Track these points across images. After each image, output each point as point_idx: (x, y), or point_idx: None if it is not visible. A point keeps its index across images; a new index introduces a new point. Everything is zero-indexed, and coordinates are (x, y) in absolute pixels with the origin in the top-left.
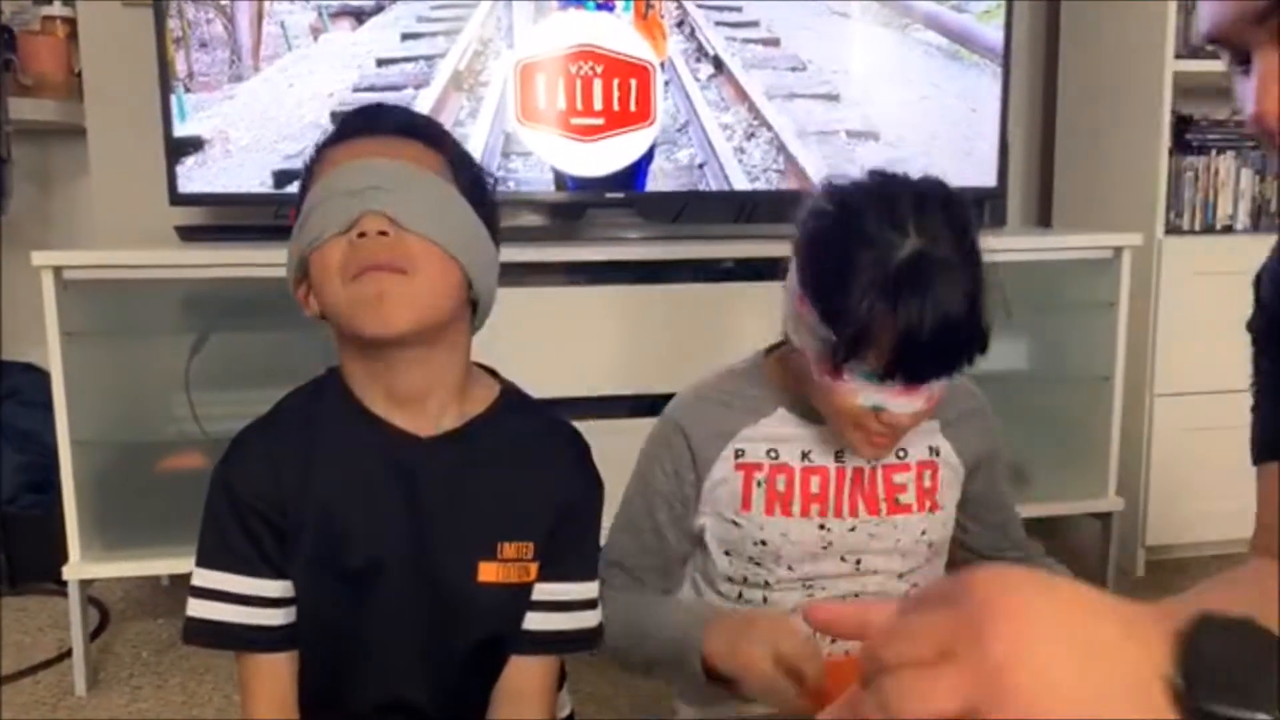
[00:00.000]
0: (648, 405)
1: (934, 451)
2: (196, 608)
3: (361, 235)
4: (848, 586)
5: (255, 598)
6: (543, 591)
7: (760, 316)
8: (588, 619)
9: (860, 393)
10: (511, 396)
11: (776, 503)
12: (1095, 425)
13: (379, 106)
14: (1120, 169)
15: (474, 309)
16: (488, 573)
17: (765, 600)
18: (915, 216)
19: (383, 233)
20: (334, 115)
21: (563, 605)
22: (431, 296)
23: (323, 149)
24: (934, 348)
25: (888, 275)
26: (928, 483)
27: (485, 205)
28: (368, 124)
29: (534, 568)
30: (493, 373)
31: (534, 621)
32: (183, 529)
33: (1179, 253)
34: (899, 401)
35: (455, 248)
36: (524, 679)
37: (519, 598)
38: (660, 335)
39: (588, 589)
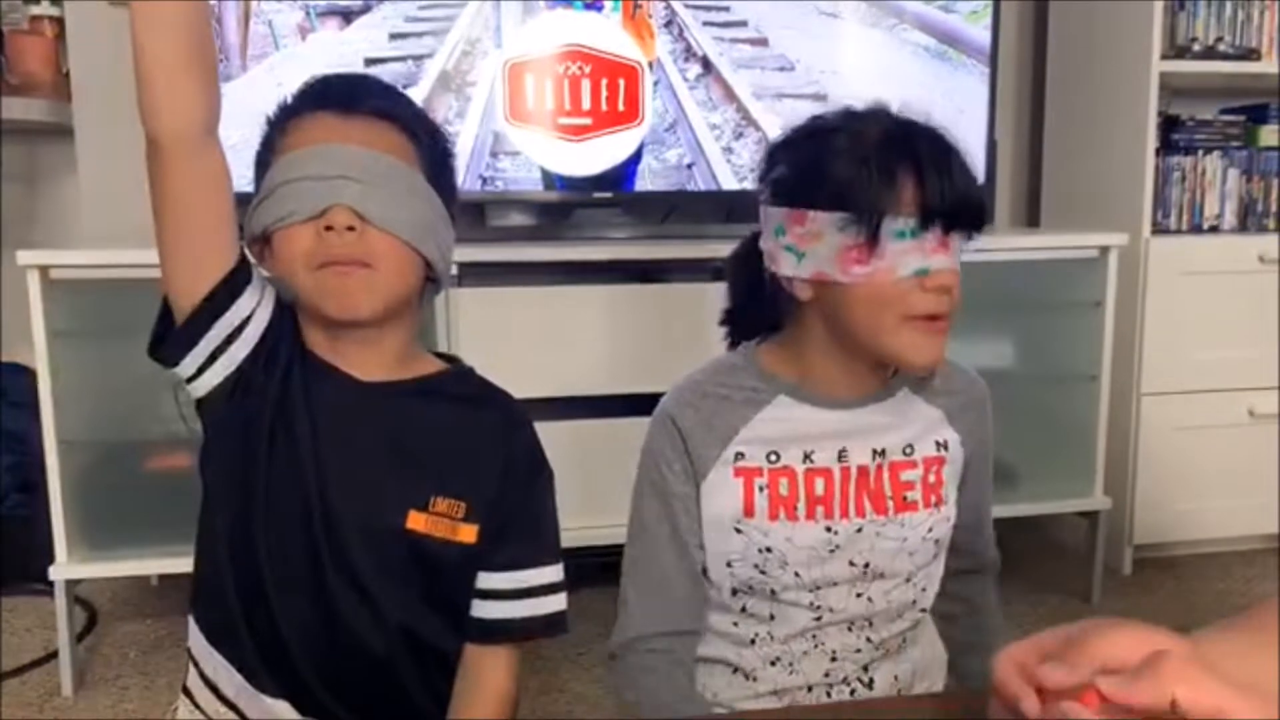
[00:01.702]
0: (637, 405)
1: (942, 446)
2: None
3: (329, 229)
4: (856, 600)
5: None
6: (497, 580)
7: None
8: (549, 604)
9: (899, 263)
10: (462, 371)
11: (781, 507)
12: (1082, 424)
13: (349, 80)
14: (1107, 169)
15: (433, 282)
16: (415, 521)
17: (772, 617)
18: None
19: (350, 228)
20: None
21: (519, 593)
22: (392, 287)
23: (291, 115)
24: (955, 178)
25: (888, 127)
26: (933, 478)
27: (446, 181)
28: (340, 101)
29: (465, 529)
30: (453, 359)
31: (490, 610)
32: (170, 529)
33: (1166, 252)
34: (938, 259)
35: (417, 239)
36: (484, 669)
37: (450, 558)
38: (649, 335)
39: (546, 574)
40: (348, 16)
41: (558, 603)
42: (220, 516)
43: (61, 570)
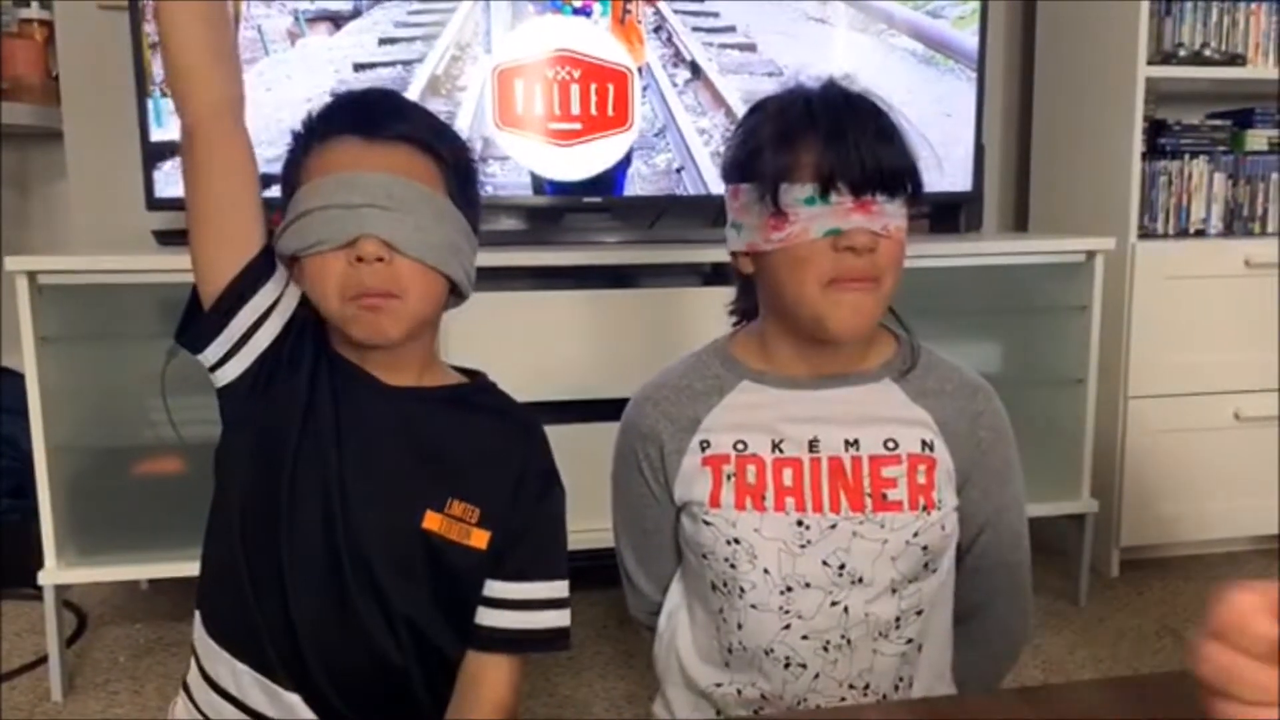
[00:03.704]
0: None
1: (927, 446)
2: None
3: (359, 259)
4: (830, 610)
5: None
6: (504, 590)
7: None
8: (552, 619)
9: (812, 226)
10: (484, 384)
11: (748, 496)
12: (1069, 427)
13: (372, 104)
14: (1094, 173)
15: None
16: (431, 522)
17: (740, 626)
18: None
19: (380, 258)
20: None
21: (524, 604)
22: (419, 311)
23: (316, 138)
24: (859, 144)
25: (796, 97)
26: (921, 479)
27: (470, 196)
28: (364, 126)
29: (477, 534)
30: (476, 373)
31: (494, 619)
32: (160, 533)
33: (1152, 256)
34: (853, 219)
35: (444, 263)
36: (483, 677)
37: (461, 563)
38: (638, 340)
39: (552, 588)
40: (337, 22)
41: (560, 618)
42: (238, 510)
43: (51, 575)
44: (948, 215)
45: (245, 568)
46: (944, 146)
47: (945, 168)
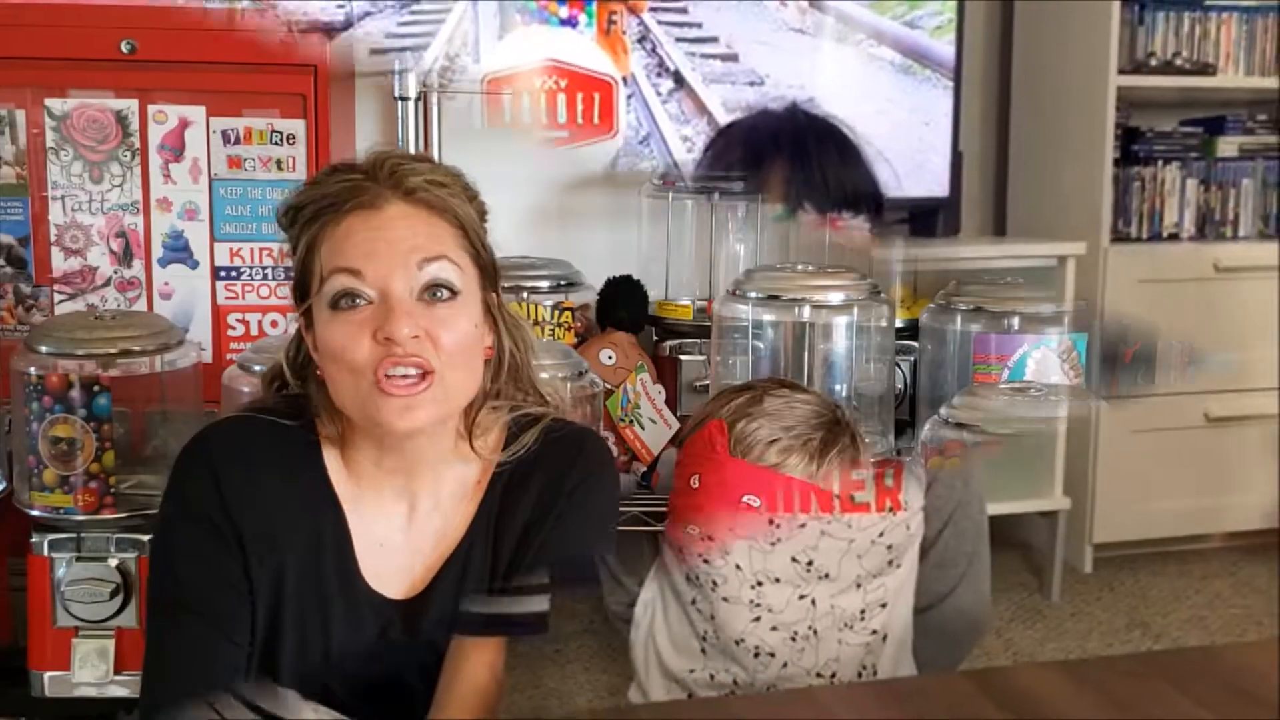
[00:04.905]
0: None
1: (896, 451)
2: None
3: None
4: (798, 603)
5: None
6: None
7: None
8: (532, 604)
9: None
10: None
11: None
12: (1042, 426)
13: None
14: (1070, 179)
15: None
16: None
17: (713, 617)
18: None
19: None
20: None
21: (505, 590)
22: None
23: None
24: (818, 153)
25: (760, 122)
26: (890, 482)
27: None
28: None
29: None
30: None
31: (475, 604)
32: None
33: (1123, 261)
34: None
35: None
36: (463, 662)
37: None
38: None
39: (533, 574)
40: (329, 32)
41: (540, 603)
42: None
43: None
44: (926, 220)
45: None
46: (922, 153)
47: (923, 174)
